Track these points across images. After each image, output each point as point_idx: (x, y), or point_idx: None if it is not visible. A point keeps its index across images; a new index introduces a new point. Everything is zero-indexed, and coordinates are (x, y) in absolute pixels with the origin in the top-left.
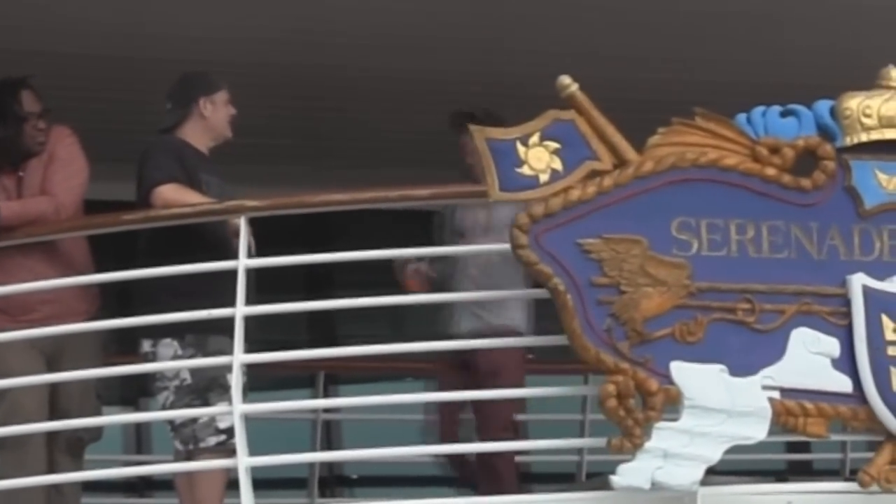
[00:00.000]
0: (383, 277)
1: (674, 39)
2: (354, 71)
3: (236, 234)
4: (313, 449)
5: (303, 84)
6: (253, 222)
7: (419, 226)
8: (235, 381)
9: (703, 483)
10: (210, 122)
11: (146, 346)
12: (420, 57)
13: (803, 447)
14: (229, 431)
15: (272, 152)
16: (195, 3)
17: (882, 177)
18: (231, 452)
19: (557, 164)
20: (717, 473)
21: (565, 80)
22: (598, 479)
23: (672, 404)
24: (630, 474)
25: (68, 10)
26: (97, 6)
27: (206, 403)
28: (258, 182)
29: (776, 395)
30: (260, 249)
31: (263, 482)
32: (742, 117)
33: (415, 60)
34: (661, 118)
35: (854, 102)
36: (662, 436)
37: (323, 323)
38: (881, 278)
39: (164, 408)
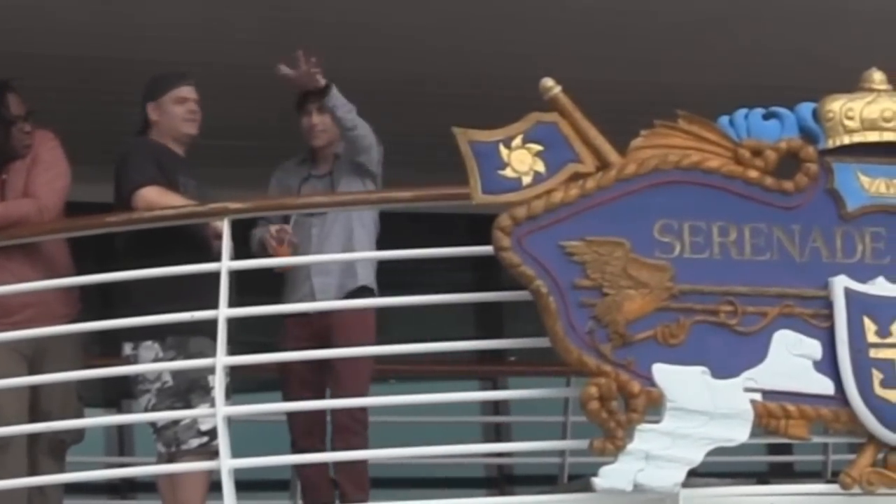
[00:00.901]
0: None
1: (654, 42)
2: (341, 73)
3: (216, 235)
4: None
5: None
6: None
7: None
8: (218, 383)
9: (685, 485)
10: (161, 126)
11: (127, 348)
12: (402, 59)
13: (785, 449)
14: (211, 433)
15: (258, 154)
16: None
17: (864, 179)
18: (213, 454)
19: (540, 167)
20: (699, 475)
21: (548, 82)
22: (580, 481)
23: (654, 406)
24: (612, 476)
25: (45, 11)
26: (73, 7)
27: (187, 405)
28: (245, 184)
29: (758, 397)
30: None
31: (246, 484)
32: (725, 120)
33: (399, 63)
34: (642, 121)
35: (837, 105)
36: (644, 438)
37: None
38: (863, 280)
39: (146, 410)
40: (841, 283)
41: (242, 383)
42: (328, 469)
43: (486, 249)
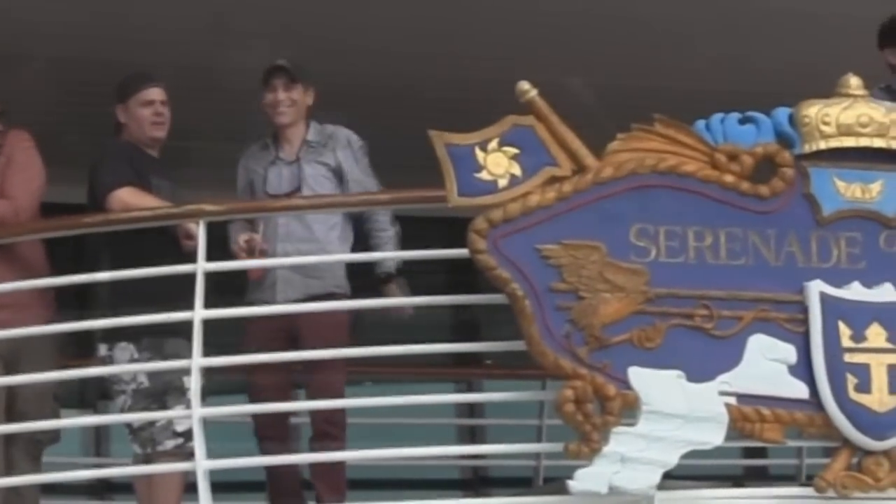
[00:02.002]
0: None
1: (633, 46)
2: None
3: (187, 236)
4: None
5: None
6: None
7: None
8: (194, 384)
9: (660, 487)
10: (130, 129)
11: (103, 349)
12: (385, 63)
13: (760, 452)
14: (187, 434)
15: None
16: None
17: (840, 184)
18: (189, 455)
19: (516, 170)
20: (673, 478)
21: (524, 85)
22: (555, 483)
23: (630, 409)
24: (587, 479)
25: (22, 11)
26: (50, 8)
27: (163, 407)
28: (224, 187)
29: (733, 400)
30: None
31: (222, 485)
32: (701, 124)
33: (382, 66)
34: (619, 125)
35: (813, 110)
36: (620, 440)
37: None
38: (838, 285)
39: (122, 411)
40: (816, 288)
41: (220, 385)
42: (298, 471)
43: (462, 252)
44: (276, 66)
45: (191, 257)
